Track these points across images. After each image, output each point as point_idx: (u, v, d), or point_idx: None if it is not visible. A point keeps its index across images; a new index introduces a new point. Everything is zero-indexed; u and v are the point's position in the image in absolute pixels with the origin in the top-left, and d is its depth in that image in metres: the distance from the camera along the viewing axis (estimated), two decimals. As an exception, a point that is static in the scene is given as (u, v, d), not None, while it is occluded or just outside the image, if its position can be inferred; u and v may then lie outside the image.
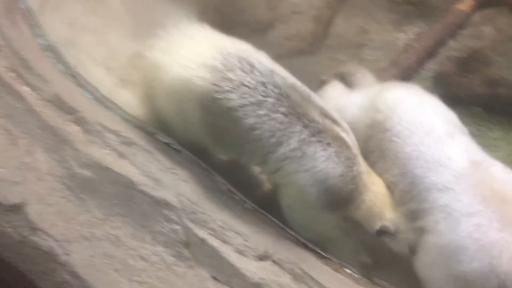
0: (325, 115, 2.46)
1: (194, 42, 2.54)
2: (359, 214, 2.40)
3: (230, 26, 4.45)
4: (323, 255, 2.17)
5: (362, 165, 2.41)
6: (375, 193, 2.39)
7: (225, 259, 2.09)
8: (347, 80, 3.32)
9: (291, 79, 2.50)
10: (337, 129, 2.43)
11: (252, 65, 2.42)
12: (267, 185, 2.71)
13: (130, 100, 2.64)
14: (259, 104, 2.35)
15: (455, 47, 4.40)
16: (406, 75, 3.79)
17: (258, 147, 2.37)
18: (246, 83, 2.37)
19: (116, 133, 2.36)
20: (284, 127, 2.34)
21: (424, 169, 2.36)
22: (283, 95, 2.39)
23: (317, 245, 2.31)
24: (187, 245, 2.17)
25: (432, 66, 4.27)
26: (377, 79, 3.35)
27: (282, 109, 2.36)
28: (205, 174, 2.39)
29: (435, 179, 2.32)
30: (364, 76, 3.24)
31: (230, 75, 2.37)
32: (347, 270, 2.13)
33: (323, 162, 2.34)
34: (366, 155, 2.56)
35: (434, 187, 2.31)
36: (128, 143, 2.34)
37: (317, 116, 2.40)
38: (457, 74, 4.16)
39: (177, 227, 2.18)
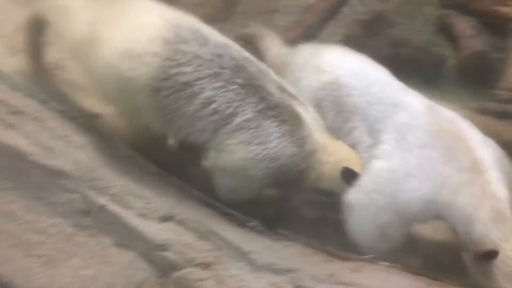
0: (282, 89, 2.38)
1: (138, 13, 2.35)
2: (325, 184, 2.35)
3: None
4: (227, 212, 2.14)
5: (315, 142, 2.34)
6: (332, 163, 2.34)
7: (127, 224, 2.03)
8: (254, 43, 3.35)
9: (246, 52, 2.40)
10: (294, 104, 2.36)
11: (206, 37, 2.30)
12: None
13: (20, 68, 2.48)
14: (215, 76, 2.23)
15: (361, 11, 4.46)
16: (309, 34, 3.78)
17: (211, 121, 2.24)
18: (202, 55, 2.23)
19: (3, 103, 2.23)
20: (241, 98, 2.24)
21: (384, 112, 2.46)
22: (239, 66, 2.28)
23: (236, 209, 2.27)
24: (86, 213, 2.10)
25: (340, 30, 4.31)
26: (282, 39, 3.29)
27: (239, 80, 2.25)
28: (103, 141, 2.27)
29: (394, 119, 2.42)
30: (272, 40, 3.26)
31: (184, 47, 2.22)
32: (250, 224, 2.11)
33: (277, 139, 2.26)
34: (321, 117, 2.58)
35: (393, 123, 2.42)
36: (17, 112, 2.21)
37: (274, 90, 2.32)
38: (364, 37, 4.20)
39: (75, 196, 2.09)
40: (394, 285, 1.84)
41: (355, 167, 2.32)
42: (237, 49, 2.34)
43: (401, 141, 2.40)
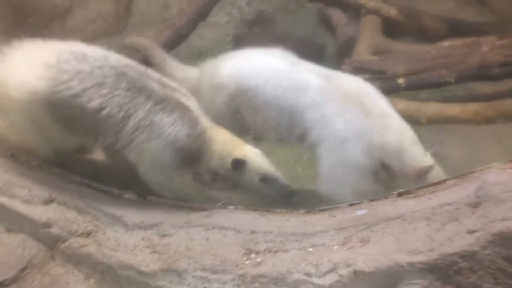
0: (164, 84, 2.65)
1: (28, 51, 2.60)
2: (215, 164, 2.64)
3: (24, 15, 4.65)
4: (103, 190, 2.47)
5: (204, 123, 2.62)
6: (222, 142, 2.63)
7: (14, 211, 2.31)
8: (139, 53, 3.58)
9: (125, 59, 2.67)
10: (177, 95, 2.63)
11: (84, 54, 2.56)
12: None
13: None
14: (100, 85, 2.49)
15: (248, 11, 5.11)
16: (179, 35, 4.15)
17: (110, 124, 2.49)
18: (83, 69, 2.50)
19: None
20: (128, 101, 2.49)
21: (294, 99, 2.73)
22: (120, 73, 2.54)
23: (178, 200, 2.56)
24: (-23, 207, 2.36)
25: (230, 31, 4.94)
26: (156, 41, 3.69)
27: (123, 85, 2.51)
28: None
29: (305, 101, 2.73)
30: (156, 51, 3.49)
31: (65, 66, 2.49)
32: (126, 196, 2.45)
33: (170, 127, 2.53)
34: (241, 124, 2.86)
35: (307, 107, 2.72)
36: None
37: (156, 87, 2.59)
38: (251, 35, 4.80)
39: (-35, 192, 2.36)
40: (236, 219, 2.25)
41: (239, 149, 2.64)
42: (116, 59, 2.64)
43: (323, 118, 2.74)
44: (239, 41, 4.70)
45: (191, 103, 2.67)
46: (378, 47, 4.36)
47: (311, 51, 4.66)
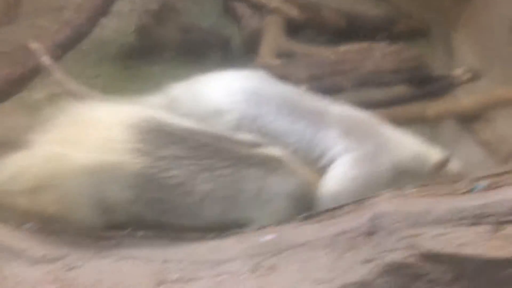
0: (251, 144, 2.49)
1: (93, 123, 2.33)
2: None
3: None
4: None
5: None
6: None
7: None
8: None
9: (197, 124, 2.47)
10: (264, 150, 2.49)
11: (171, 134, 2.33)
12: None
13: None
14: (204, 170, 2.29)
15: (151, 1, 4.86)
16: (79, 33, 3.94)
17: (213, 203, 2.33)
18: (181, 155, 2.28)
19: None
20: (233, 175, 2.33)
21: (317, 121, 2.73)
22: (216, 150, 2.36)
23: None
24: None
25: (133, 21, 4.71)
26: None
27: (226, 163, 2.33)
28: None
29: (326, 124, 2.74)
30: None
31: (162, 153, 2.27)
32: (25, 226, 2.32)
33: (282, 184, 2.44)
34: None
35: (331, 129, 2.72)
36: None
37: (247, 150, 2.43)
38: (155, 26, 4.67)
39: None
40: (146, 248, 2.24)
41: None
42: (200, 130, 2.42)
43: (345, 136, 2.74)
44: (143, 32, 4.61)
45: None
46: (280, 49, 4.51)
47: (216, 43, 4.75)
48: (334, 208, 2.20)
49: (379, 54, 4.10)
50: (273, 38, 4.59)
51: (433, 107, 3.69)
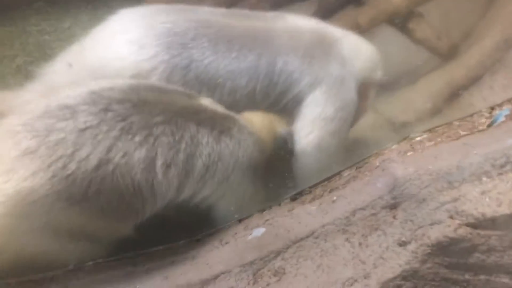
0: (188, 95, 1.95)
1: None
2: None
3: None
4: None
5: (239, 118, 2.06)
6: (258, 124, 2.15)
7: None
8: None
9: (119, 82, 1.85)
10: (206, 102, 1.97)
11: (65, 106, 1.74)
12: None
13: None
14: (127, 131, 1.70)
15: None
16: None
17: (169, 177, 1.79)
18: (80, 126, 1.69)
19: None
20: (178, 137, 1.78)
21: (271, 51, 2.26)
22: (140, 102, 1.75)
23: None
24: None
25: None
26: None
27: (158, 118, 1.76)
28: None
29: (283, 51, 2.28)
30: None
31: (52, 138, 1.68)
32: None
33: (239, 151, 1.96)
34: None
35: (290, 57, 2.30)
36: None
37: (187, 101, 1.89)
38: None
39: None
40: (106, 281, 1.75)
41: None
42: (110, 87, 1.81)
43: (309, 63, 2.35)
44: None
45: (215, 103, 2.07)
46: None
47: None
48: (329, 178, 1.81)
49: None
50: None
51: (365, 13, 3.32)
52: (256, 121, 2.20)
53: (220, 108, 2.07)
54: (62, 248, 1.81)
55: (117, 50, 2.15)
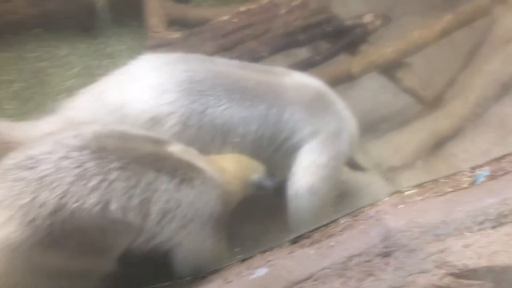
0: (152, 140, 2.05)
1: None
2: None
3: None
4: None
5: (209, 168, 2.15)
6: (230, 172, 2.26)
7: None
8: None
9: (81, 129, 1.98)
10: (172, 150, 2.06)
11: (27, 155, 1.89)
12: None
13: None
14: (81, 177, 1.82)
15: None
16: None
17: (127, 221, 1.89)
18: (43, 173, 1.82)
19: None
20: (134, 183, 1.88)
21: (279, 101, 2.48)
22: (98, 149, 1.87)
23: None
24: None
25: None
26: None
27: (114, 165, 1.86)
28: None
29: (289, 101, 2.50)
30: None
31: (21, 200, 1.81)
32: None
33: (201, 201, 2.04)
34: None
35: (294, 107, 2.50)
36: None
37: (151, 148, 1.98)
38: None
39: None
40: None
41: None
42: (72, 135, 1.94)
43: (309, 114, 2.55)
44: None
45: (187, 152, 2.16)
46: (171, 16, 4.03)
47: (80, 11, 4.11)
48: (327, 224, 1.98)
49: (284, 11, 3.83)
50: (159, 3, 4.07)
51: (357, 62, 3.52)
52: (229, 166, 2.34)
53: (188, 157, 2.18)
54: (57, 286, 1.99)
55: (138, 93, 2.34)
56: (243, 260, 2.06)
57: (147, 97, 2.36)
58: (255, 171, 2.42)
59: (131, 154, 1.98)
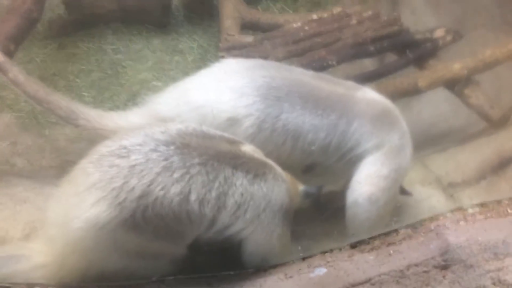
0: (229, 141, 2.24)
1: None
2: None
3: None
4: None
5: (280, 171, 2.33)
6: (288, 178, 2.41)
7: None
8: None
9: (170, 126, 2.20)
10: (246, 149, 2.26)
11: (123, 146, 2.10)
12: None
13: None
14: (167, 169, 2.02)
15: None
16: (30, 20, 3.51)
17: (203, 212, 2.08)
18: (134, 163, 2.02)
19: None
20: (213, 177, 2.08)
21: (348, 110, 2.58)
22: (182, 145, 2.07)
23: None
24: None
25: None
26: None
27: (196, 160, 2.06)
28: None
29: (358, 113, 2.61)
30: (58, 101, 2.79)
31: (110, 174, 2.03)
32: None
33: (273, 194, 2.21)
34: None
35: (362, 119, 2.59)
36: None
37: (227, 147, 2.18)
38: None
39: None
40: None
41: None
42: (160, 131, 2.15)
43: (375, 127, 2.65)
44: (73, 4, 4.08)
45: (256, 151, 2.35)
46: (244, 19, 4.20)
47: (155, 7, 4.35)
48: (388, 233, 2.08)
49: (355, 21, 3.91)
50: (233, 8, 4.24)
51: (425, 77, 3.55)
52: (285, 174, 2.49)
53: (259, 155, 2.37)
54: (134, 265, 2.17)
55: (219, 94, 2.52)
56: (304, 258, 2.19)
57: (227, 98, 2.54)
58: (298, 183, 2.58)
59: (210, 152, 2.17)
